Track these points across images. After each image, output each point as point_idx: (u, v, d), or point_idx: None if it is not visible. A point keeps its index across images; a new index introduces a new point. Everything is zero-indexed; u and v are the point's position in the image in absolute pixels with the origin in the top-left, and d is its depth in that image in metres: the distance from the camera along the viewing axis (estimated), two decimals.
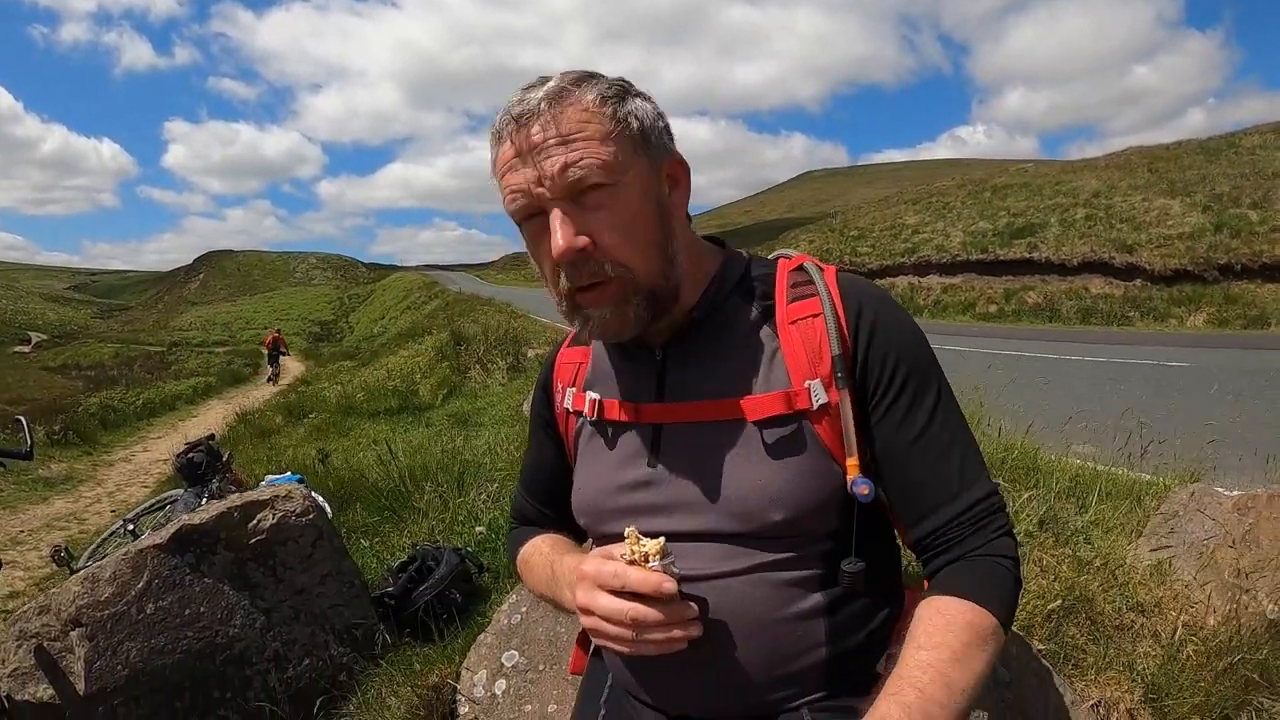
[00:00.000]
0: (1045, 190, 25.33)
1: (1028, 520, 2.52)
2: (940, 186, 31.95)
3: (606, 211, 0.92)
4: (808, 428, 0.98)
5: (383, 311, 62.93)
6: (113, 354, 49.28)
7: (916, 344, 1.02)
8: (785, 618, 0.98)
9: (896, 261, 24.95)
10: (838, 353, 0.97)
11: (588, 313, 0.97)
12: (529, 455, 1.32)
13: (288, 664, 2.66)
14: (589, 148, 0.90)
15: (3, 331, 64.68)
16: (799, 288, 1.04)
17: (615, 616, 0.93)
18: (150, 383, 25.50)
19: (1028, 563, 2.25)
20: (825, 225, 33.95)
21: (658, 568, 0.92)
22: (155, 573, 2.53)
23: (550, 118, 0.90)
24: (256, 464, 6.78)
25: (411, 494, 4.49)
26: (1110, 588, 2.21)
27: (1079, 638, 1.99)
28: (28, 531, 6.88)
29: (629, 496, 1.06)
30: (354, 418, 9.90)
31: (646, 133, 0.96)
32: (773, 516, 0.97)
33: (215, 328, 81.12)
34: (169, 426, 15.39)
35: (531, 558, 1.22)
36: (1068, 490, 3.00)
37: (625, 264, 0.93)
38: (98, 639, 2.39)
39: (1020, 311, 20.18)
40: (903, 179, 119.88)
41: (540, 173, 0.90)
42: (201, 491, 4.83)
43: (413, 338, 21.52)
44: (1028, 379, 8.15)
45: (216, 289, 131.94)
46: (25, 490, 8.58)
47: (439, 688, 2.31)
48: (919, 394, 0.99)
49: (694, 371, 1.05)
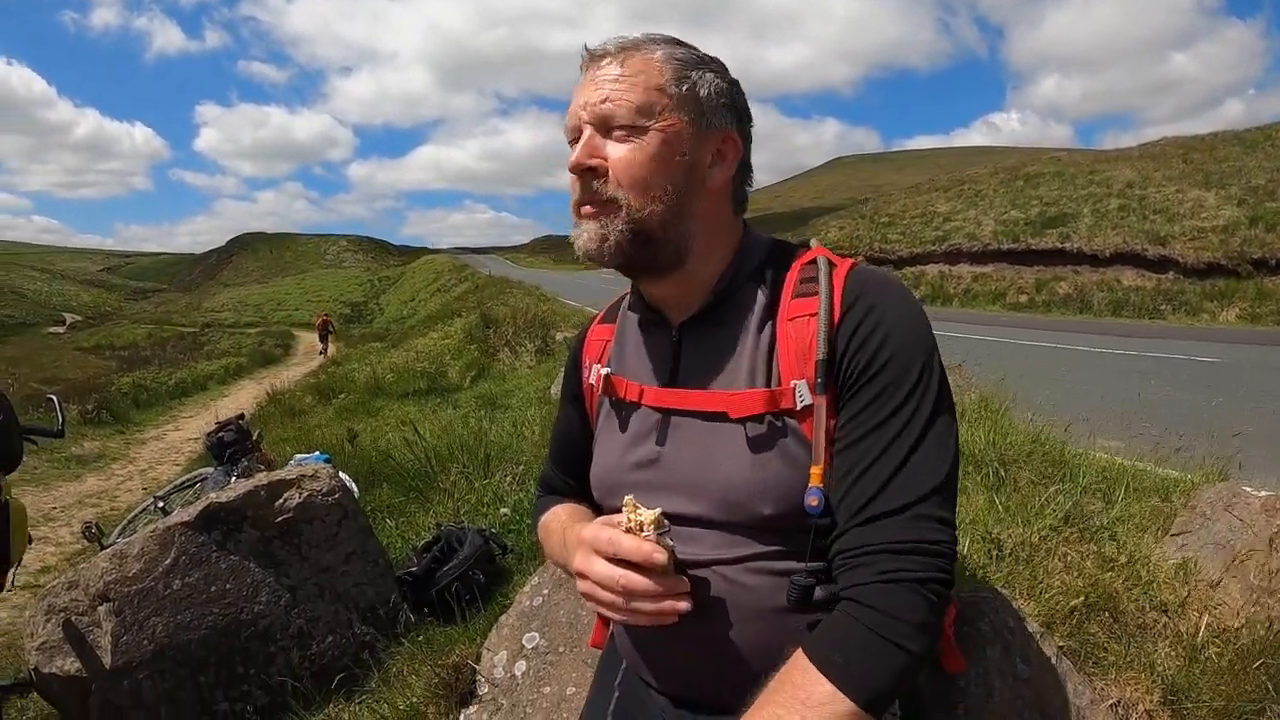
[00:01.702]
0: (1078, 179, 24.85)
1: (1053, 515, 2.49)
2: (972, 174, 31.48)
3: (625, 148, 0.99)
4: (792, 427, 0.97)
5: (413, 293, 63.31)
6: (146, 335, 50.08)
7: (909, 341, 0.95)
8: (780, 608, 0.98)
9: (927, 249, 24.63)
10: (822, 357, 0.95)
11: (581, 226, 1.02)
12: (557, 425, 1.35)
13: (311, 641, 2.71)
14: (631, 92, 0.99)
15: (38, 313, 66.03)
16: (806, 284, 1.03)
17: (607, 582, 0.95)
18: (183, 363, 25.86)
19: (1052, 558, 2.22)
20: (856, 212, 33.58)
21: (651, 538, 0.93)
22: (183, 550, 2.58)
23: (616, 59, 1.01)
24: (286, 443, 6.86)
25: (437, 475, 4.54)
26: (1134, 586, 2.17)
27: (1100, 635, 1.96)
28: (60, 508, 7.02)
29: (637, 474, 1.09)
30: (382, 399, 9.98)
31: (701, 100, 1.02)
32: (762, 510, 0.97)
33: (247, 309, 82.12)
34: (200, 406, 15.59)
35: (550, 524, 1.25)
36: (1095, 485, 2.95)
37: (625, 193, 0.99)
38: (125, 614, 2.45)
39: (1051, 302, 19.85)
40: (934, 166, 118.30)
41: (586, 100, 1.01)
42: (231, 470, 4.90)
43: (442, 320, 21.64)
44: (1057, 371, 8.03)
45: (248, 271, 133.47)
46: (58, 468, 8.75)
47: (459, 667, 2.33)
48: (888, 389, 0.93)
49: (703, 356, 1.06)
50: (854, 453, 0.93)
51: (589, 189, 1.01)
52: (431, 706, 2.28)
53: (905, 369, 0.93)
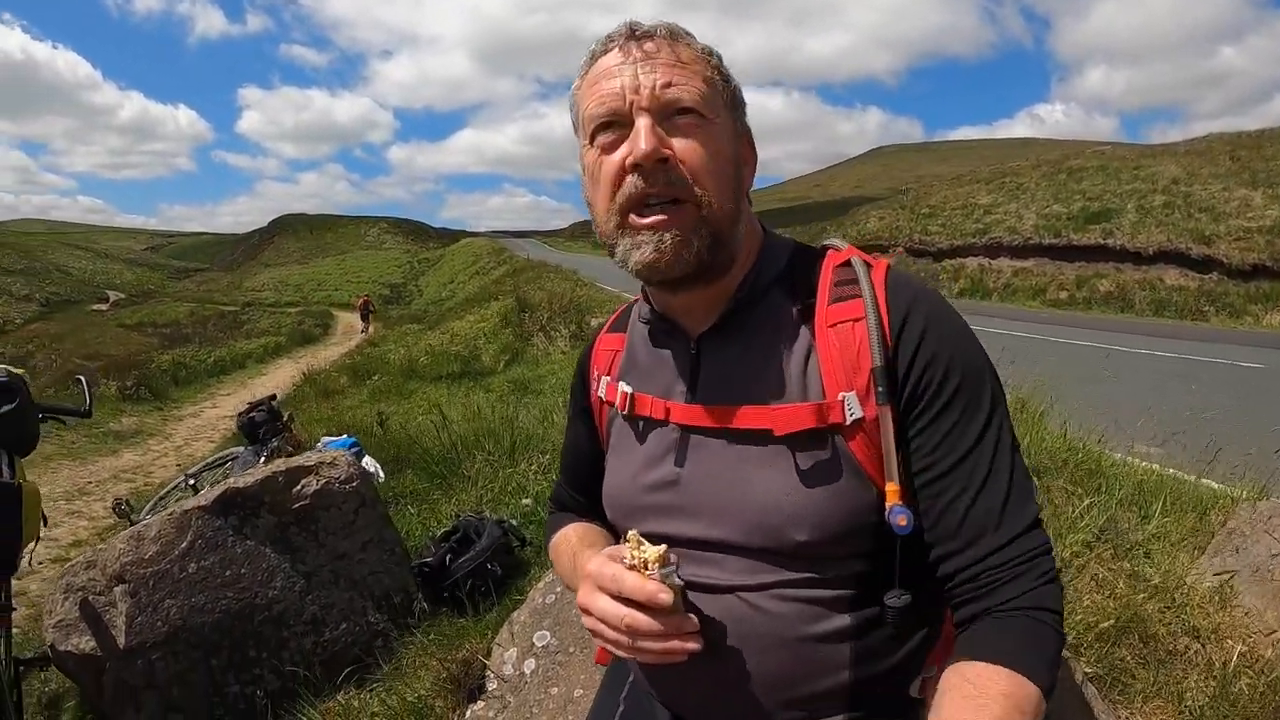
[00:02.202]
0: (1123, 174, 24.29)
1: (1086, 530, 2.39)
2: (1014, 166, 30.90)
3: (695, 138, 0.90)
4: (840, 445, 0.90)
5: (451, 275, 63.65)
6: (188, 313, 50.99)
7: (970, 355, 0.91)
8: (805, 637, 0.92)
9: (967, 242, 24.28)
10: (879, 364, 0.88)
11: (643, 236, 0.90)
12: (566, 440, 1.29)
13: (325, 628, 2.71)
14: (695, 79, 0.91)
15: (82, 290, 67.63)
16: (842, 286, 0.95)
17: (611, 620, 0.89)
18: (223, 341, 26.25)
19: (1083, 576, 2.13)
20: (896, 202, 33.15)
21: (655, 576, 0.87)
22: (199, 533, 2.59)
23: (667, 43, 0.92)
24: (319, 424, 6.88)
25: (462, 462, 4.52)
26: (1167, 609, 2.07)
27: (1129, 660, 1.87)
28: (95, 482, 7.15)
29: (654, 496, 1.02)
30: (416, 381, 10.02)
31: (737, 100, 0.98)
32: (795, 536, 0.90)
33: (287, 289, 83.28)
34: (238, 384, 15.79)
35: (560, 545, 1.19)
36: (1130, 498, 2.83)
37: (703, 189, 0.89)
38: (140, 595, 2.46)
39: (1091, 300, 19.45)
40: (977, 157, 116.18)
41: (639, 82, 0.89)
42: (261, 450, 4.93)
43: (479, 303, 21.69)
44: (1096, 372, 7.83)
45: (289, 251, 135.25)
46: (96, 443, 8.92)
47: (468, 662, 2.31)
48: (967, 411, 0.89)
49: (727, 370, 0.98)
50: (957, 478, 0.88)
51: (659, 183, 0.88)
52: (440, 700, 2.27)
53: (978, 386, 0.90)
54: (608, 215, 0.93)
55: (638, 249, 0.91)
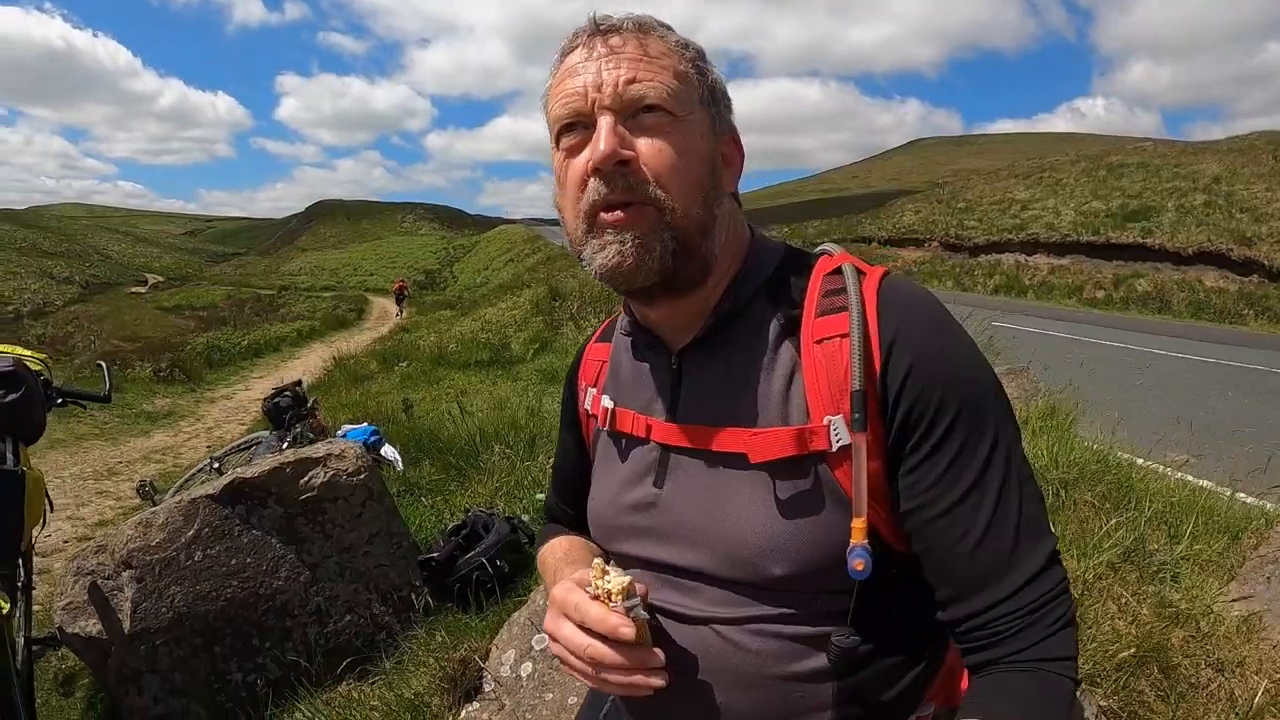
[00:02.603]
0: (1163, 172, 23.75)
1: (1112, 551, 2.27)
2: (1053, 161, 30.34)
3: (661, 137, 0.83)
4: (824, 474, 0.82)
5: (486, 262, 63.97)
6: (224, 296, 51.91)
7: (971, 376, 0.83)
8: (785, 676, 0.85)
9: (1004, 237, 23.90)
10: (858, 388, 0.80)
11: (608, 236, 0.83)
12: (557, 451, 1.24)
13: (328, 619, 2.71)
14: (663, 74, 0.84)
15: (121, 273, 69.18)
16: (831, 297, 0.86)
17: (575, 650, 0.84)
18: (258, 325, 26.62)
19: (1105, 600, 2.02)
20: (933, 195, 32.69)
21: (620, 609, 0.81)
22: (206, 522, 2.59)
23: (634, 37, 0.86)
24: (347, 409, 6.90)
25: (480, 453, 4.48)
26: (1191, 639, 1.96)
27: (1148, 693, 1.76)
28: (125, 463, 7.24)
29: (633, 517, 0.96)
30: (444, 368, 10.01)
31: (717, 95, 0.90)
32: (771, 570, 0.84)
33: (324, 273, 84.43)
34: (271, 367, 15.91)
35: (546, 559, 1.14)
36: (1160, 515, 2.69)
37: (666, 191, 0.83)
38: (145, 581, 2.47)
39: (1129, 300, 18.98)
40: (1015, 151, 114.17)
41: (602, 80, 0.83)
42: (284, 435, 4.95)
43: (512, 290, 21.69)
44: (1130, 376, 7.62)
45: (326, 237, 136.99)
46: (128, 423, 9.06)
47: (466, 662, 2.29)
48: (969, 443, 0.80)
49: (708, 388, 0.91)
50: (956, 520, 0.80)
51: (620, 187, 0.82)
52: (436, 698, 2.25)
53: (980, 411, 0.81)
54: (575, 222, 0.87)
55: (601, 251, 0.84)
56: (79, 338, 20.91)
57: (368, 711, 2.28)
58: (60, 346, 19.85)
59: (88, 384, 4.94)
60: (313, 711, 2.37)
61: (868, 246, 28.13)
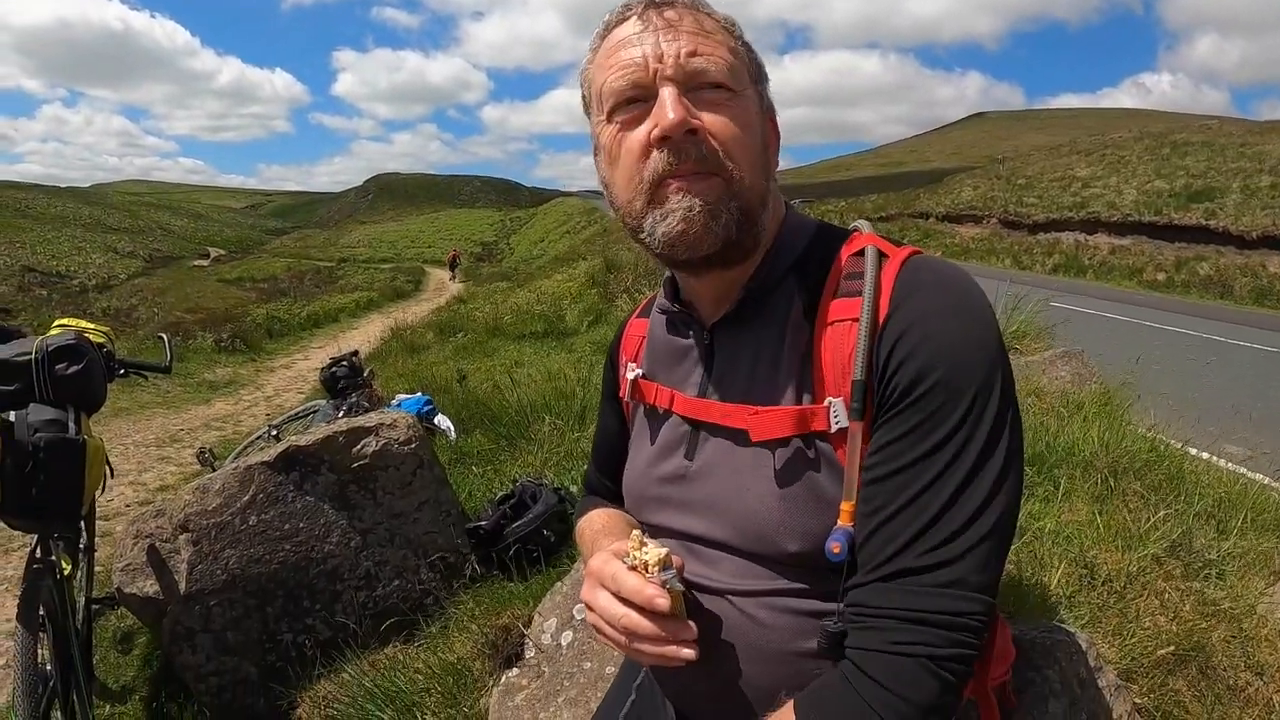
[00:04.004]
0: (1229, 151, 22.79)
1: (1158, 544, 2.21)
2: (1116, 138, 29.29)
3: (723, 112, 0.84)
4: (825, 453, 0.83)
5: (543, 234, 64.19)
6: (284, 268, 53.06)
7: (968, 357, 0.78)
8: (799, 651, 0.86)
9: (1064, 215, 23.27)
10: (859, 378, 0.79)
11: (674, 202, 0.83)
12: (598, 424, 1.28)
13: (377, 583, 2.78)
14: (721, 49, 0.86)
15: (184, 247, 71.18)
16: (851, 280, 0.86)
17: (611, 619, 0.87)
18: (317, 296, 27.06)
19: (1148, 595, 1.98)
20: (992, 171, 31.80)
21: (655, 580, 0.83)
22: (261, 488, 2.67)
23: (690, 12, 0.87)
24: (402, 379, 6.99)
25: (531, 424, 4.52)
26: (1232, 639, 1.90)
27: (1184, 693, 1.71)
28: (187, 430, 7.50)
29: (664, 488, 0.99)
30: (499, 339, 10.07)
31: (762, 74, 0.93)
32: (786, 546, 0.85)
33: (382, 245, 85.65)
34: (330, 337, 16.06)
35: (584, 530, 1.18)
36: (1210, 509, 2.62)
37: (735, 161, 0.84)
38: (201, 544, 2.56)
39: (1190, 283, 18.35)
40: (1077, 127, 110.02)
41: (663, 50, 0.84)
42: (341, 404, 5.06)
43: (568, 262, 21.69)
44: (1189, 363, 7.36)
45: (384, 209, 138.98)
46: (190, 392, 9.37)
47: (508, 628, 2.34)
48: (936, 416, 0.77)
49: (735, 363, 0.93)
50: (883, 490, 0.78)
51: (690, 157, 0.82)
52: (478, 663, 2.31)
53: (958, 391, 0.77)
54: (632, 195, 0.87)
55: (665, 220, 0.84)
56: (143, 310, 21.62)
57: (412, 674, 2.34)
58: (125, 319, 20.53)
59: (150, 354, 5.14)
60: (359, 672, 2.44)
61: (925, 222, 27.55)
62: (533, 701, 2.03)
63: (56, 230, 62.82)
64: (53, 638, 2.19)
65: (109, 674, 3.00)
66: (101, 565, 3.42)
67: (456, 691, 2.25)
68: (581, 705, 1.94)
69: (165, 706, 2.74)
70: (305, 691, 2.55)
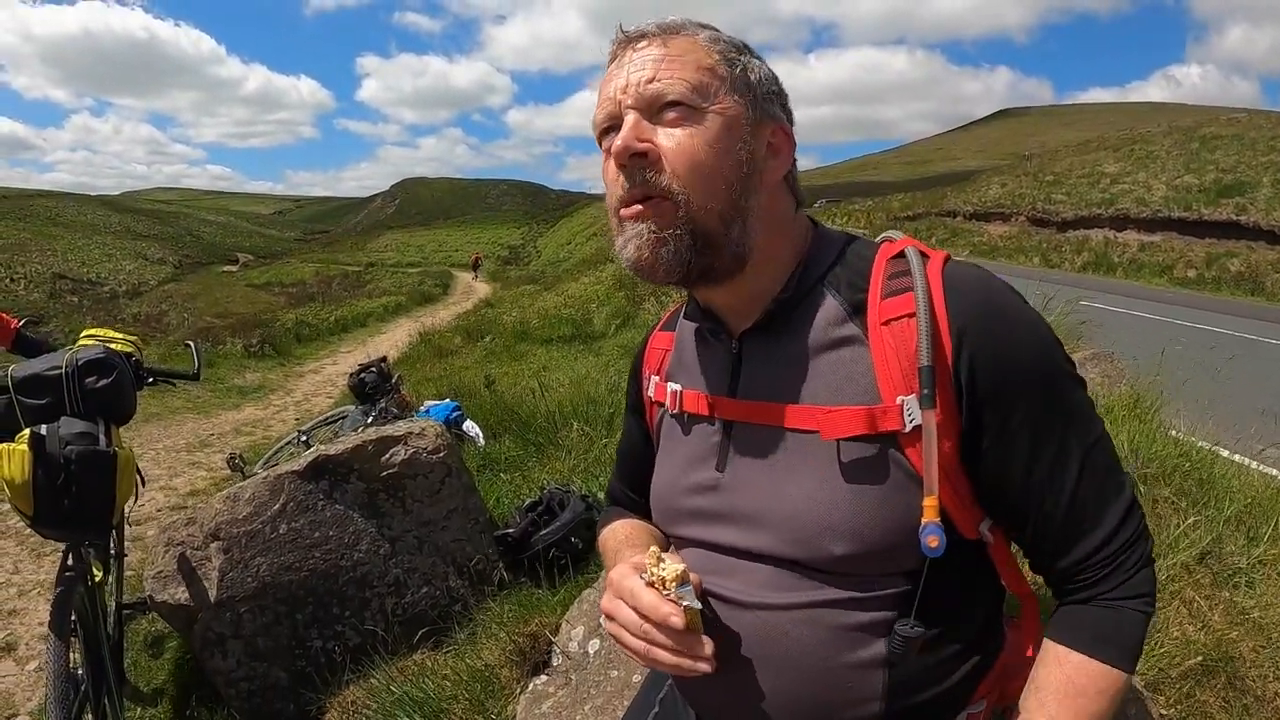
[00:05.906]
0: (1259, 145, 22.28)
1: (1186, 552, 2.18)
2: (1144, 133, 28.77)
3: (680, 131, 0.86)
4: (894, 453, 0.84)
5: (569, 237, 64.20)
6: (313, 273, 53.55)
7: (1042, 351, 0.85)
8: (835, 665, 0.87)
9: (1093, 212, 22.88)
10: (926, 364, 0.81)
11: (628, 231, 0.88)
12: (622, 436, 1.28)
13: (406, 591, 2.82)
14: (681, 70, 0.87)
15: (213, 252, 72.17)
16: (896, 279, 0.88)
17: (631, 630, 0.88)
18: (345, 300, 27.13)
19: (1176, 604, 1.95)
20: (1019, 168, 31.37)
21: (672, 597, 0.84)
22: (291, 496, 2.72)
23: (659, 40, 0.90)
24: (430, 383, 7.03)
25: (559, 430, 4.53)
26: (1261, 649, 1.88)
27: (1212, 704, 1.69)
28: (217, 435, 7.56)
29: (695, 499, 0.99)
30: (527, 343, 10.09)
31: (753, 85, 0.91)
32: (833, 549, 0.85)
33: (409, 249, 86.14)
34: (359, 342, 16.06)
35: (607, 542, 1.18)
36: (1240, 514, 2.57)
37: (683, 186, 0.85)
38: (232, 552, 2.61)
39: (1221, 280, 17.95)
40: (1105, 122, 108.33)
41: (628, 81, 0.89)
42: (369, 410, 5.10)
43: (594, 265, 21.68)
44: (1219, 362, 7.20)
45: (411, 214, 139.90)
46: (220, 397, 9.45)
47: (536, 636, 2.36)
48: (1045, 415, 0.84)
49: (771, 369, 0.93)
50: (1048, 488, 0.86)
51: (638, 181, 0.86)
52: (506, 670, 2.33)
53: (1056, 384, 0.86)
54: (610, 219, 0.93)
55: (625, 247, 0.89)
56: (173, 315, 21.88)
57: (440, 680, 2.36)
58: (155, 324, 20.79)
59: (179, 361, 5.19)
60: (387, 679, 2.47)
61: (952, 220, 27.24)
62: (560, 709, 2.04)
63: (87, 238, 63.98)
64: (84, 643, 2.24)
65: (140, 677, 3.06)
66: (133, 570, 3.47)
67: (484, 698, 2.27)
68: (608, 713, 1.95)
69: (195, 710, 2.78)
70: (334, 697, 2.59)
